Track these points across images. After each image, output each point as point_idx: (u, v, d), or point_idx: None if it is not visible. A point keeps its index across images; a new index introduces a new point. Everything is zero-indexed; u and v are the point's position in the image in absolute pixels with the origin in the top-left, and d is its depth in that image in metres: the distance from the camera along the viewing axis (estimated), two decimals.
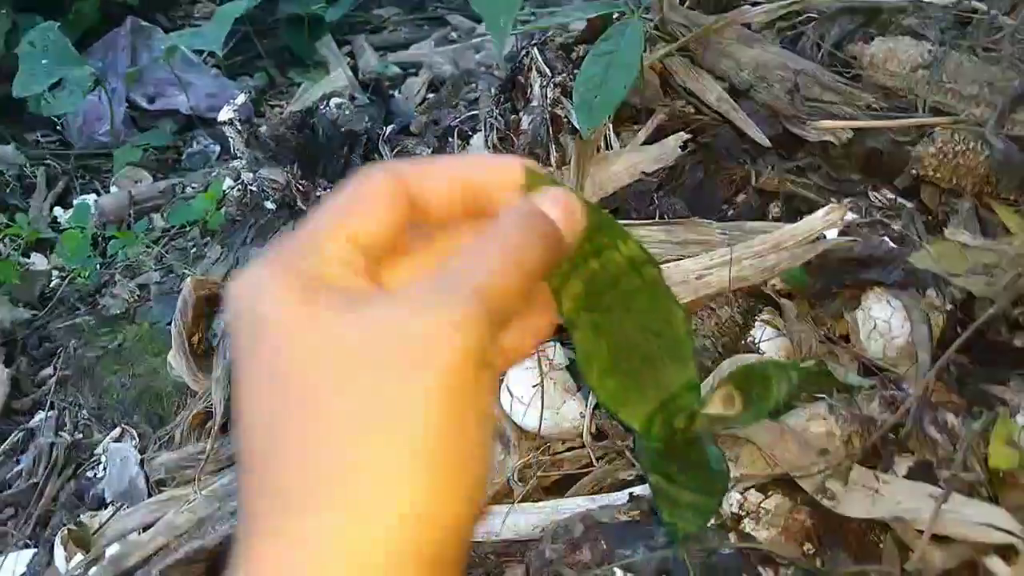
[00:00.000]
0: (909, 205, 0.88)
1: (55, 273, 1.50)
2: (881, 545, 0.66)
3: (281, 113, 1.56)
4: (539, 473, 0.84)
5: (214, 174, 1.55)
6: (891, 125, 0.86)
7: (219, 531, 0.86)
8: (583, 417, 0.87)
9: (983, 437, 0.72)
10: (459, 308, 0.19)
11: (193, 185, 1.56)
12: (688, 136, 0.99)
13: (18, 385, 1.29)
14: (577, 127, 0.97)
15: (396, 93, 1.99)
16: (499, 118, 1.09)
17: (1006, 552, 0.61)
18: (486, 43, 2.13)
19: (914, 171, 0.88)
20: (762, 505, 0.69)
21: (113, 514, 1.00)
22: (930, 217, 0.88)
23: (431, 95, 1.91)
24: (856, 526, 0.68)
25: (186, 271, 1.30)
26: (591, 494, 0.81)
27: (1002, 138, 0.72)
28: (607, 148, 1.02)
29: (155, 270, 1.35)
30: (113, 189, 1.74)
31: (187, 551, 0.84)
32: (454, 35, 2.44)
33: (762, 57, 1.00)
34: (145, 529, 0.96)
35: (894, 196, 0.90)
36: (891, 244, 0.83)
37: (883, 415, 0.72)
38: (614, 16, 1.03)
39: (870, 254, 0.83)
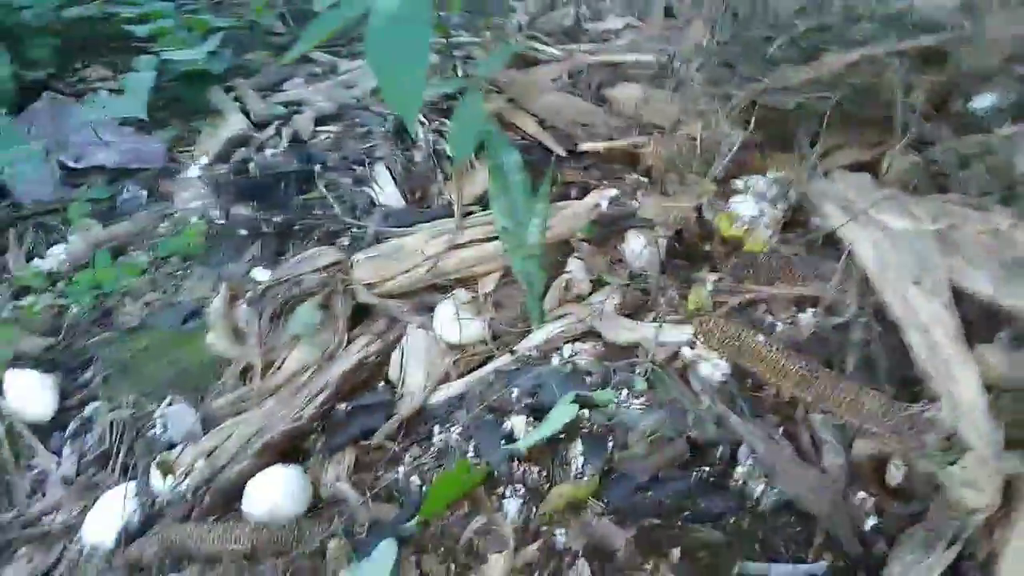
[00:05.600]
0: (646, 180, 1.63)
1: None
2: None
3: (227, 162, 2.09)
4: (464, 361, 1.51)
5: (176, 214, 2.08)
6: (627, 142, 1.59)
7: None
8: (484, 329, 1.55)
9: (686, 292, 1.46)
10: None
11: (164, 224, 2.08)
12: (520, 153, 1.69)
13: (62, 394, 1.77)
14: (452, 155, 1.64)
15: (287, 127, 2.53)
16: (400, 155, 1.74)
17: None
18: (353, 79, 2.73)
19: (646, 162, 1.62)
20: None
21: (185, 445, 1.55)
22: (657, 186, 1.63)
23: (319, 128, 2.48)
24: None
25: (180, 287, 1.85)
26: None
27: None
28: (472, 168, 1.69)
29: (152, 292, 1.88)
30: (72, 238, 2.20)
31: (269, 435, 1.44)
32: (318, 71, 3.00)
33: (557, 101, 1.71)
34: (210, 453, 1.53)
35: (638, 176, 1.64)
36: (636, 204, 1.57)
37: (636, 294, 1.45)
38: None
39: (626, 212, 1.57)
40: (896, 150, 1.35)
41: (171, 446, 1.60)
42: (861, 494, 1.25)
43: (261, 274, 1.78)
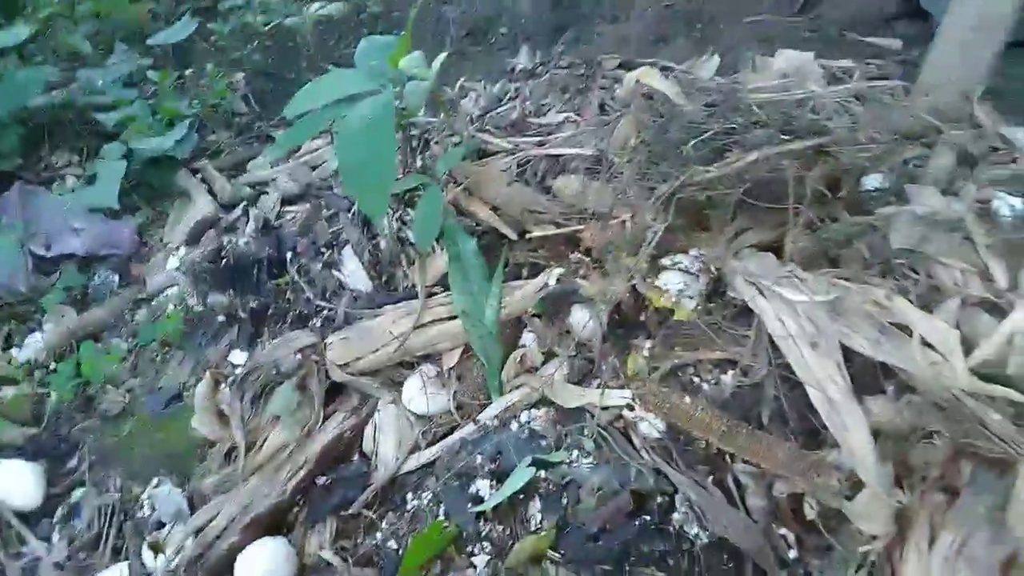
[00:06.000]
0: (587, 259, 1.87)
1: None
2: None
3: (200, 252, 2.27)
4: (432, 431, 1.71)
5: (152, 300, 2.24)
6: (569, 228, 1.84)
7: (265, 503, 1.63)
8: (449, 401, 1.75)
9: (626, 358, 1.70)
10: None
11: (141, 310, 2.24)
12: (475, 238, 1.92)
13: (48, 481, 1.90)
14: (415, 243, 1.87)
15: (254, 208, 2.72)
16: (366, 241, 1.95)
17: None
18: (316, 159, 2.94)
19: (586, 244, 1.87)
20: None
21: (173, 525, 1.71)
22: (597, 264, 1.87)
23: (285, 208, 2.66)
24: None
25: (161, 373, 2.01)
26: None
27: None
28: (434, 252, 1.92)
29: (133, 377, 2.04)
30: (47, 327, 2.34)
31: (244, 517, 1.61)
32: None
33: (506, 190, 1.96)
34: (199, 531, 1.69)
35: (581, 256, 1.89)
36: (579, 283, 1.81)
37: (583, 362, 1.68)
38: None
39: (571, 289, 1.80)
40: (793, 234, 1.63)
41: (160, 526, 1.75)
42: (783, 530, 1.49)
43: (238, 357, 1.97)
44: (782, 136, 1.62)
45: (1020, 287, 1.52)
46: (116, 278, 2.53)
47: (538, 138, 2.08)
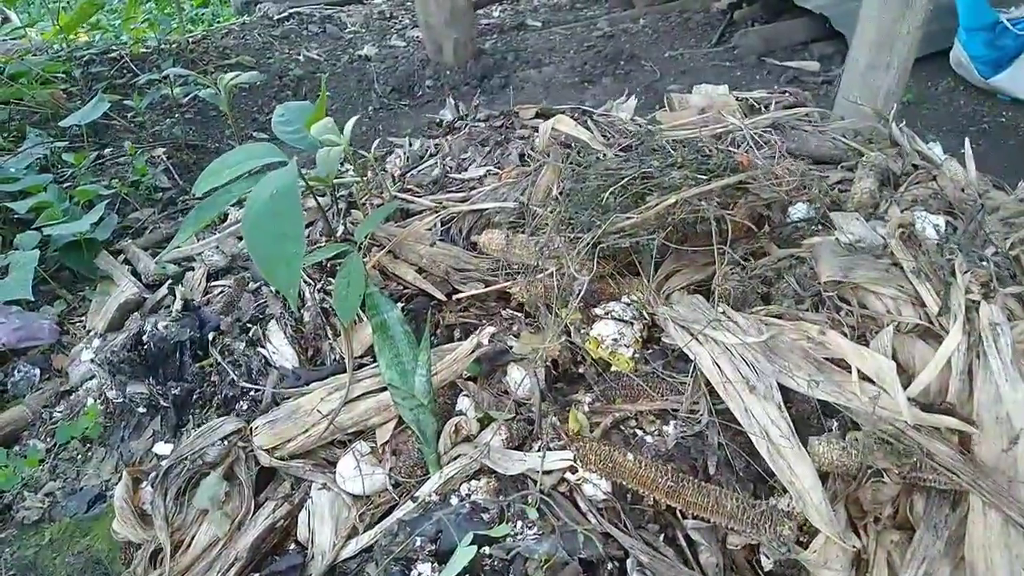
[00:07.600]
0: (520, 315, 1.81)
1: None
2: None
3: (117, 340, 2.16)
4: (370, 512, 1.61)
5: (71, 394, 2.12)
6: (497, 285, 1.79)
7: None
8: (386, 479, 1.66)
9: (566, 417, 1.63)
10: None
11: (60, 407, 2.11)
12: (402, 303, 1.85)
13: None
14: (337, 315, 1.79)
15: (180, 286, 2.62)
16: (289, 316, 1.87)
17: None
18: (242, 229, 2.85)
19: (517, 299, 1.81)
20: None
21: None
22: (530, 319, 1.81)
23: (212, 283, 2.57)
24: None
25: (82, 472, 1.88)
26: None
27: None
28: (360, 321, 1.84)
29: (52, 480, 1.91)
30: None
31: None
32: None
33: (431, 251, 1.90)
34: None
35: (513, 312, 1.83)
36: (512, 341, 1.75)
37: (522, 424, 1.61)
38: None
39: (506, 347, 1.74)
40: (720, 274, 1.59)
41: None
42: None
43: (163, 449, 1.85)
44: (698, 176, 1.59)
45: (951, 310, 1.50)
46: (37, 372, 2.40)
47: (461, 194, 2.03)
